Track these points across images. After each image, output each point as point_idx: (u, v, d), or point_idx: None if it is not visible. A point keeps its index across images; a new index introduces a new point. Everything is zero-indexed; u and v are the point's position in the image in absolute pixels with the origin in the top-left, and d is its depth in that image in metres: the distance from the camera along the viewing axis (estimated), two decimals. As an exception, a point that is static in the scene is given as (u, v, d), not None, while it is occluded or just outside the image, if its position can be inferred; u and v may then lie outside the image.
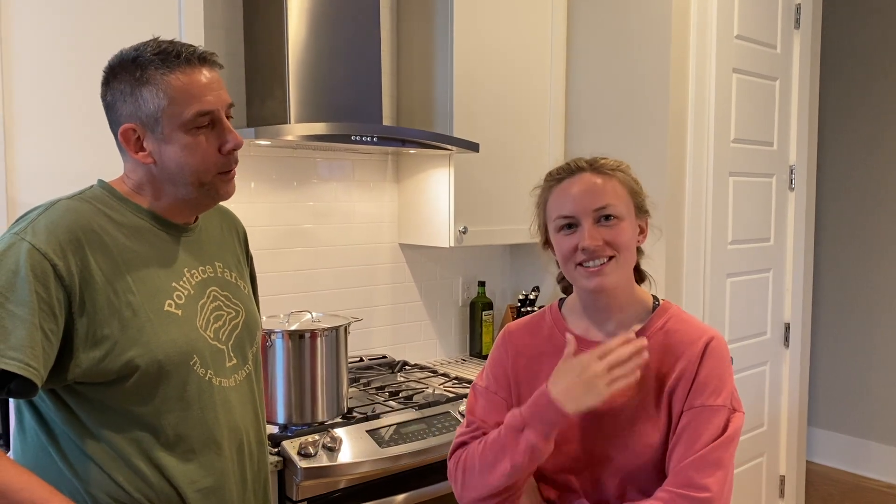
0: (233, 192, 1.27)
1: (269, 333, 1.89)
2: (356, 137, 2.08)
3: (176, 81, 1.15)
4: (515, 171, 2.62)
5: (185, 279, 1.24)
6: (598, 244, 1.24)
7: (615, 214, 1.26)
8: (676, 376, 1.24)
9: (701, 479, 1.17)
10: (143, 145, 1.18)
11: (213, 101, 1.18)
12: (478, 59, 2.48)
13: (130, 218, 1.20)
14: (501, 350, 1.40)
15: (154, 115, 1.16)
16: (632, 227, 1.29)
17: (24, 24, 1.58)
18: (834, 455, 4.05)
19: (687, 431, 1.21)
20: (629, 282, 1.32)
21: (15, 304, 1.04)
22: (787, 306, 3.01)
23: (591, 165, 1.30)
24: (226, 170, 1.22)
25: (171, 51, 1.17)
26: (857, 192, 3.97)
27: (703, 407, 1.21)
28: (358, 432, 1.90)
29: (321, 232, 2.49)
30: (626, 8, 2.56)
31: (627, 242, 1.26)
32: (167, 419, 1.17)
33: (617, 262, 1.26)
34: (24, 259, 1.06)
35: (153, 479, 1.16)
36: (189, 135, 1.17)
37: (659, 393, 1.25)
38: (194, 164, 1.18)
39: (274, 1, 2.12)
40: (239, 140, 1.21)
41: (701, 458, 1.18)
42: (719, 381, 1.24)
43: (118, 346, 1.12)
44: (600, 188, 1.27)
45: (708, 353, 1.25)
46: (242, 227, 1.48)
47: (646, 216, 1.34)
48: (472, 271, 2.91)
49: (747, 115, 2.72)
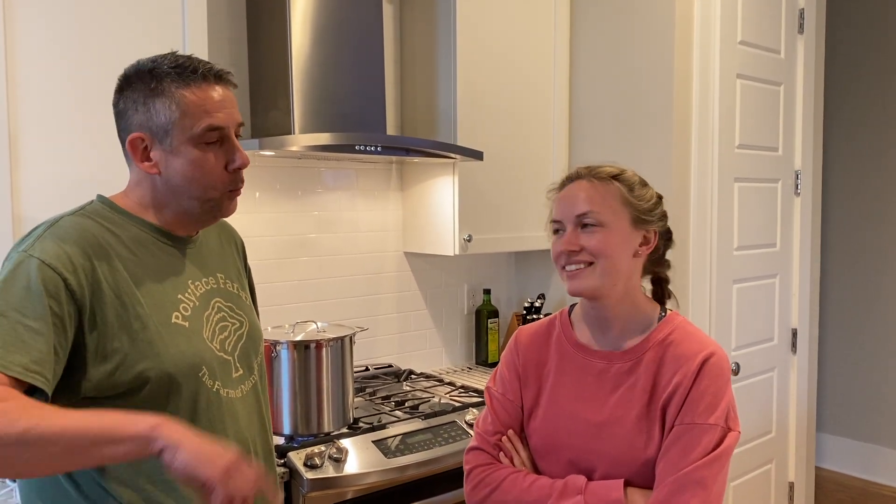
0: (234, 210, 1.27)
1: (274, 344, 1.89)
2: (360, 147, 2.08)
3: (190, 96, 1.17)
4: (520, 178, 2.61)
5: (190, 291, 1.24)
6: (572, 248, 1.26)
7: (597, 221, 1.26)
8: (671, 390, 1.23)
9: (680, 497, 1.16)
10: (150, 155, 1.19)
11: (224, 119, 1.19)
12: (481, 67, 2.48)
13: (133, 231, 1.21)
14: (513, 353, 1.42)
15: (165, 126, 1.17)
16: (619, 236, 1.27)
17: (30, 39, 1.59)
18: (843, 461, 4.03)
19: (674, 448, 1.20)
20: (627, 292, 1.30)
21: (32, 318, 1.04)
22: (794, 312, 3.00)
23: (589, 172, 1.31)
24: (232, 188, 1.23)
25: (188, 66, 1.18)
26: (863, 195, 3.95)
27: (693, 424, 1.20)
28: (364, 443, 1.90)
29: (326, 241, 2.49)
30: (629, 15, 2.56)
31: (607, 250, 1.25)
32: None
33: (594, 268, 1.26)
34: (35, 274, 1.06)
35: (160, 497, 1.15)
36: (198, 149, 1.18)
37: (654, 406, 1.25)
38: (200, 179, 1.19)
39: (277, 12, 2.12)
40: (246, 159, 1.22)
41: (684, 475, 1.17)
42: (713, 398, 1.21)
43: (128, 358, 1.12)
44: (586, 195, 1.28)
45: (705, 370, 1.23)
46: (240, 238, 1.49)
47: (648, 226, 1.30)
48: (478, 279, 2.90)
49: (752, 121, 2.71)
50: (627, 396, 1.27)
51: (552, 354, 1.37)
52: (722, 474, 1.20)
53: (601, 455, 1.26)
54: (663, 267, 1.37)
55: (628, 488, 1.22)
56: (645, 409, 1.25)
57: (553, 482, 1.26)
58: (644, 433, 1.24)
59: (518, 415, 1.38)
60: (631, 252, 1.29)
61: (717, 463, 1.18)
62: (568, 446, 1.29)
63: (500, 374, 1.42)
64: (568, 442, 1.29)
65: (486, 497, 1.30)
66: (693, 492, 1.16)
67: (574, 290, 1.28)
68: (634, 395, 1.26)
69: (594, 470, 1.27)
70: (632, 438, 1.24)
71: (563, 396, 1.33)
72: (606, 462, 1.25)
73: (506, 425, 1.37)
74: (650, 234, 1.31)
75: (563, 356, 1.36)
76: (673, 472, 1.18)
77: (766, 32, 2.76)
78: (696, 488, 1.16)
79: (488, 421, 1.39)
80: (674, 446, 1.20)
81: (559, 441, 1.30)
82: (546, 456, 1.33)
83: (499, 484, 1.30)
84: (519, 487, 1.28)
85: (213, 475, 0.94)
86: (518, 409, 1.38)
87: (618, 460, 1.25)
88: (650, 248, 1.31)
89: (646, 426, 1.24)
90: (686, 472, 1.17)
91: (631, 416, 1.25)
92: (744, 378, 2.73)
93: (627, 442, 1.24)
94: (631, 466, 1.24)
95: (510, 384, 1.39)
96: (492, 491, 1.30)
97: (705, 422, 1.19)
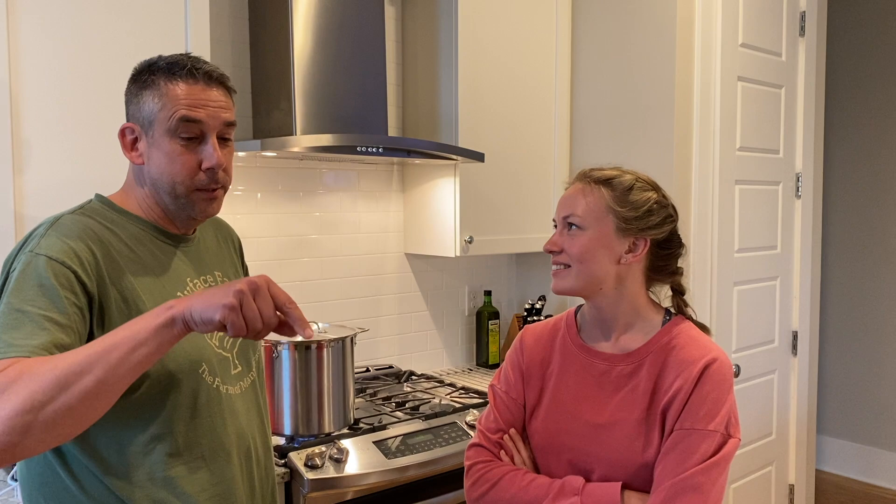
0: (214, 213, 1.26)
1: (275, 345, 1.89)
2: (362, 148, 2.08)
3: (175, 89, 1.18)
4: (521, 180, 2.62)
5: (189, 288, 1.24)
6: (553, 248, 1.31)
7: (577, 224, 1.28)
8: (672, 394, 1.23)
9: (676, 503, 1.16)
10: (137, 146, 1.21)
11: (204, 115, 1.19)
12: (483, 69, 2.48)
13: (130, 229, 1.21)
14: (518, 352, 1.43)
15: (149, 117, 1.19)
16: (598, 242, 1.27)
17: (33, 43, 1.59)
18: (844, 463, 4.03)
19: (673, 453, 1.20)
20: (624, 296, 1.30)
21: (52, 311, 1.03)
22: (794, 314, 3.00)
23: (586, 175, 1.32)
24: (204, 187, 1.21)
25: (182, 63, 1.20)
26: (863, 198, 3.95)
27: (693, 430, 1.20)
28: (365, 443, 1.90)
29: (327, 242, 2.49)
30: (630, 17, 2.57)
31: (582, 255, 1.27)
32: (177, 428, 1.17)
33: (571, 271, 1.28)
34: (45, 271, 1.06)
35: (161, 494, 1.16)
36: (173, 142, 1.18)
37: (654, 409, 1.25)
38: (169, 172, 1.19)
39: (280, 14, 2.13)
40: (220, 160, 1.20)
41: (681, 480, 1.17)
42: (714, 405, 1.21)
43: None
44: (574, 198, 1.30)
45: (706, 376, 1.22)
46: (237, 237, 1.49)
47: (636, 233, 1.28)
48: (478, 281, 2.91)
49: (753, 123, 2.72)
50: (628, 399, 1.27)
51: (556, 355, 1.38)
52: (720, 481, 1.19)
53: (600, 457, 1.26)
54: (664, 274, 1.34)
55: (625, 491, 1.23)
56: (645, 412, 1.25)
57: (551, 482, 1.27)
58: (643, 436, 1.24)
59: (520, 413, 1.38)
60: (613, 258, 1.27)
61: (715, 469, 1.18)
62: (568, 447, 1.30)
63: (504, 372, 1.43)
64: (568, 442, 1.30)
65: (485, 493, 1.31)
66: (689, 497, 1.16)
67: (554, 289, 1.32)
68: (635, 398, 1.26)
69: (593, 471, 1.27)
70: (631, 441, 1.24)
71: (565, 397, 1.33)
72: (605, 464, 1.26)
73: (508, 423, 1.38)
74: (639, 241, 1.28)
75: (566, 357, 1.36)
76: (670, 476, 1.18)
77: (768, 35, 2.76)
78: (692, 494, 1.16)
79: (491, 419, 1.40)
80: (672, 451, 1.20)
81: (560, 441, 1.31)
82: (547, 455, 1.33)
83: (497, 481, 1.31)
84: (517, 485, 1.29)
85: (221, 312, 0.95)
86: (520, 408, 1.38)
87: (616, 462, 1.25)
88: (637, 255, 1.28)
89: (645, 429, 1.24)
90: (683, 478, 1.17)
91: (631, 418, 1.25)
92: (744, 380, 2.73)
93: (626, 444, 1.24)
94: (629, 469, 1.24)
95: (513, 383, 1.40)
96: (490, 487, 1.31)
97: (705, 428, 1.19)
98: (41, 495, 1.16)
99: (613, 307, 1.31)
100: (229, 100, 1.24)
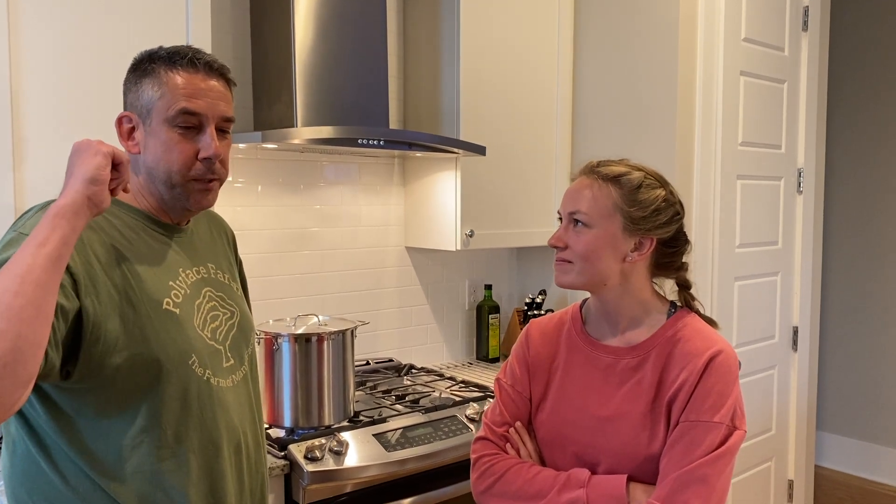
0: (209, 204, 1.25)
1: (275, 337, 1.89)
2: (363, 141, 2.08)
3: (175, 78, 1.18)
4: (522, 174, 2.61)
5: (181, 279, 1.23)
6: (557, 244, 1.30)
7: (582, 221, 1.27)
8: (677, 387, 1.23)
9: (681, 495, 1.16)
10: (134, 135, 1.21)
11: (204, 107, 1.19)
12: (485, 62, 2.48)
13: (124, 218, 1.20)
14: (523, 346, 1.43)
15: (147, 106, 1.18)
16: (604, 240, 1.26)
17: (34, 37, 1.58)
18: (843, 459, 4.03)
19: (678, 444, 1.20)
20: (628, 291, 1.30)
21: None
22: (795, 310, 3.00)
23: (593, 169, 1.31)
24: (199, 177, 1.21)
25: (183, 53, 1.19)
26: (865, 194, 3.94)
27: (698, 422, 1.20)
28: (364, 436, 1.90)
29: (328, 235, 2.49)
30: (632, 11, 2.56)
31: (587, 253, 1.26)
32: (167, 419, 1.15)
33: (573, 266, 1.28)
34: None
35: (149, 488, 1.14)
36: (171, 131, 1.18)
37: (660, 402, 1.25)
38: (166, 162, 1.19)
39: (281, 5, 2.12)
40: (217, 150, 1.20)
41: (686, 472, 1.17)
42: (719, 397, 1.21)
43: (119, 342, 1.10)
44: (581, 193, 1.29)
45: (711, 368, 1.22)
46: (231, 230, 1.48)
47: (643, 233, 1.27)
48: (479, 275, 2.91)
49: (755, 118, 2.71)
50: (634, 392, 1.27)
51: (562, 348, 1.38)
52: (726, 472, 1.19)
53: (606, 449, 1.26)
54: (669, 270, 1.34)
55: (631, 483, 1.23)
56: (651, 404, 1.25)
57: (556, 474, 1.27)
58: (649, 429, 1.24)
59: (526, 407, 1.38)
60: (618, 257, 1.27)
61: (720, 461, 1.18)
62: (574, 440, 1.30)
63: (510, 366, 1.43)
64: (574, 435, 1.30)
65: (491, 486, 1.31)
66: (695, 489, 1.16)
67: (557, 283, 1.32)
68: (641, 391, 1.26)
69: (598, 464, 1.27)
70: (636, 434, 1.24)
71: (571, 390, 1.33)
72: (611, 456, 1.26)
73: (514, 417, 1.38)
74: (645, 240, 1.28)
75: (572, 350, 1.36)
76: (676, 468, 1.18)
77: (770, 29, 2.75)
78: (698, 485, 1.16)
79: (497, 412, 1.40)
80: (678, 443, 1.20)
81: (565, 434, 1.31)
82: (553, 448, 1.33)
83: (503, 474, 1.31)
84: (522, 478, 1.29)
85: (101, 155, 1.04)
86: (526, 402, 1.39)
87: (622, 455, 1.25)
88: (643, 254, 1.28)
89: (651, 422, 1.24)
90: (689, 469, 1.17)
91: (637, 411, 1.25)
92: (744, 375, 2.73)
93: (632, 437, 1.24)
94: (635, 461, 1.24)
95: (519, 377, 1.40)
96: (496, 480, 1.31)
97: (710, 419, 1.19)
98: (25, 490, 1.14)
99: (618, 301, 1.31)
100: (228, 92, 1.24)
